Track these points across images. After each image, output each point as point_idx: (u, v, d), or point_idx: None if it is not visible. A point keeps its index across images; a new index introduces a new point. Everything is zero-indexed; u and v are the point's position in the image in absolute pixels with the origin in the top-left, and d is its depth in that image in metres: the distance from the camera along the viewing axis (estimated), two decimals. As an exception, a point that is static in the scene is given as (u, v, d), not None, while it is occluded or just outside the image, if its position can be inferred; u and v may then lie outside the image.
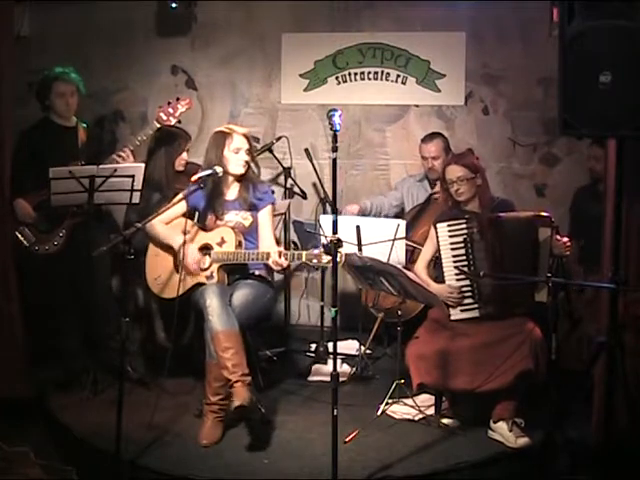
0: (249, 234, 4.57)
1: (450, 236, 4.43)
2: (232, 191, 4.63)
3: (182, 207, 4.46)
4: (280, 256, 4.18)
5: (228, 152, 4.52)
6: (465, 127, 6.09)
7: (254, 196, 4.56)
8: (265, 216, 4.58)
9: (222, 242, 4.47)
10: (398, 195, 5.77)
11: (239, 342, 4.22)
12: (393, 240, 4.89)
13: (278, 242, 4.75)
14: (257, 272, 4.58)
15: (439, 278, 4.53)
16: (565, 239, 4.23)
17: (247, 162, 4.54)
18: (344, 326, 5.63)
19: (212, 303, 4.25)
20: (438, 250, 4.46)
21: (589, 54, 3.38)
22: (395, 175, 6.28)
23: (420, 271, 4.56)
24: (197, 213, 4.61)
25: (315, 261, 3.98)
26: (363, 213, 5.54)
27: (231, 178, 4.59)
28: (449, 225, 4.46)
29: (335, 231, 3.56)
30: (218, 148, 4.50)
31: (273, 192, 4.70)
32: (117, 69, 6.40)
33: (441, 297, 4.36)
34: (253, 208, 4.58)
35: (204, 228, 4.59)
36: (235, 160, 4.52)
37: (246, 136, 4.54)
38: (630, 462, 3.68)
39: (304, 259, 4.05)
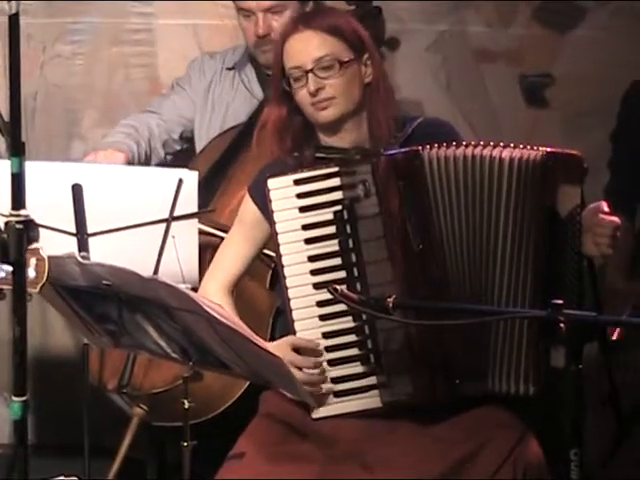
0: None
1: (302, 208, 2.59)
2: None
3: None
4: None
5: None
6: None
7: None
8: None
9: None
10: (185, 104, 3.42)
11: None
12: (168, 221, 2.90)
13: None
14: None
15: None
16: (614, 218, 2.44)
17: None
18: (46, 442, 3.58)
19: None
20: (275, 244, 2.60)
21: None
22: (169, 57, 3.70)
23: (213, 292, 2.69)
24: None
25: None
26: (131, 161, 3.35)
27: None
28: (299, 181, 2.60)
29: (18, 201, 2.04)
30: None
31: None
32: None
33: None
34: None
35: None
36: None
37: None
38: None
39: None
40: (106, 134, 3.46)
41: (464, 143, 2.39)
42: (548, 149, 2.38)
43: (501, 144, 2.39)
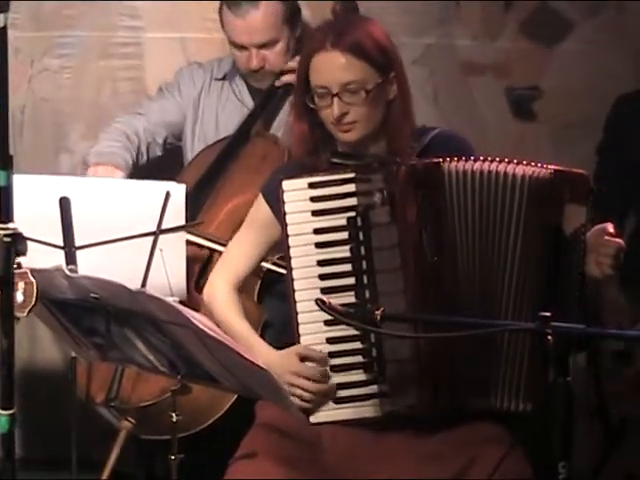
0: None
1: (315, 212, 2.46)
2: None
3: None
4: None
5: None
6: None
7: None
8: None
9: None
10: (173, 111, 3.32)
11: None
12: (155, 234, 2.83)
13: None
14: None
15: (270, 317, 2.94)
16: (619, 240, 2.41)
17: None
18: (34, 455, 3.56)
19: None
20: (286, 246, 2.48)
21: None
22: (157, 70, 3.59)
23: (221, 286, 2.64)
24: None
25: None
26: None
27: None
28: (314, 185, 2.46)
29: (6, 214, 2.02)
30: None
31: None
32: None
33: (283, 380, 2.38)
34: None
35: None
36: None
37: None
38: None
39: None
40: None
41: (481, 158, 2.36)
42: (555, 167, 2.35)
43: (515, 160, 2.36)
